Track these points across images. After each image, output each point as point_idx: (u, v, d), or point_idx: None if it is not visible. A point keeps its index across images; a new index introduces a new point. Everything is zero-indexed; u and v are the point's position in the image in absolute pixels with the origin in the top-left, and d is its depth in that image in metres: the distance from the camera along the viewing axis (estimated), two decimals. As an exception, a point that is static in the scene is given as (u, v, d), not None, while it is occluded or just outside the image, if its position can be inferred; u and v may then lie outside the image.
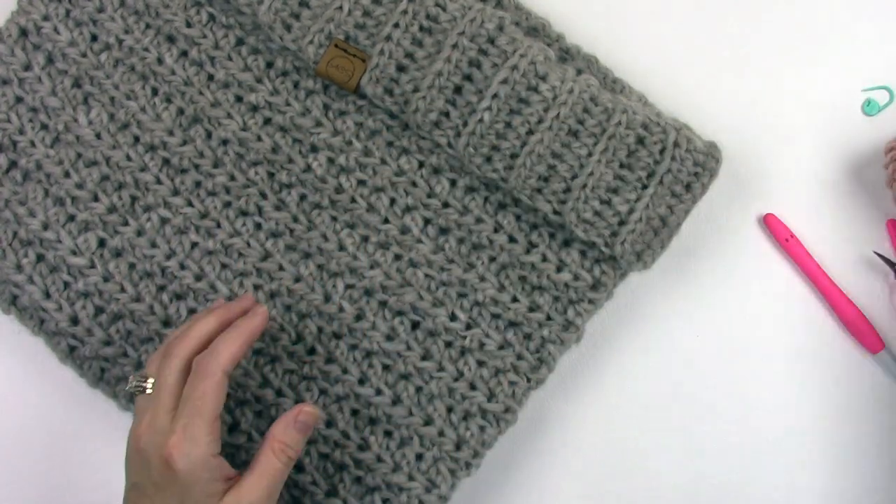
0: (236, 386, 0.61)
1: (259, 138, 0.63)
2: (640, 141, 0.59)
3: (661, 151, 0.59)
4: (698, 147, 0.60)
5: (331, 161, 0.62)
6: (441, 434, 0.60)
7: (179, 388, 0.53)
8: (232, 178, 0.63)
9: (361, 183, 0.62)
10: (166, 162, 0.63)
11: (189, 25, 0.64)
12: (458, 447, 0.61)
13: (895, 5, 0.68)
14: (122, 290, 0.62)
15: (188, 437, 0.51)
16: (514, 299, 0.61)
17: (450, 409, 0.61)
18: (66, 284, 0.62)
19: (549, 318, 0.61)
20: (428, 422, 0.61)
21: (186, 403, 0.52)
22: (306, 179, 0.62)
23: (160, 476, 0.51)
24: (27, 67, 0.64)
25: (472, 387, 0.61)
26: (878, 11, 0.68)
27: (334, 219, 0.62)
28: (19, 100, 0.64)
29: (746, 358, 0.65)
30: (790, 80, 0.67)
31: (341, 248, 0.62)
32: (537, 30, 0.64)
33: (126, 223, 0.63)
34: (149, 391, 0.54)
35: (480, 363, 0.61)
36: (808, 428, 0.64)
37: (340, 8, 0.60)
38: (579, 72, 0.62)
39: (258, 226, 0.63)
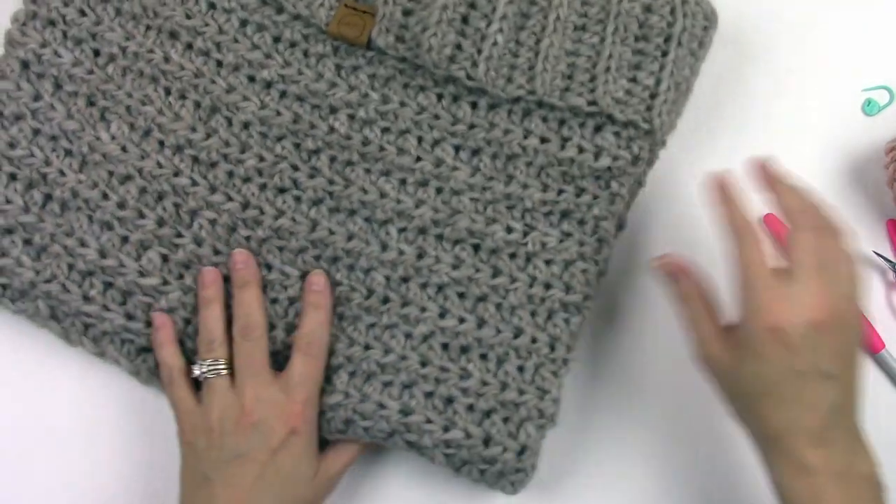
0: (328, 353, 0.62)
1: (278, 113, 0.63)
2: (648, 9, 0.61)
3: (672, 12, 0.61)
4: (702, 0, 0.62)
5: (352, 117, 0.63)
6: (534, 340, 0.61)
7: (267, 360, 0.60)
8: (261, 158, 0.63)
9: (386, 130, 0.63)
10: (195, 160, 0.63)
11: (189, 17, 0.64)
12: (552, 347, 0.61)
13: (895, 5, 0.69)
14: None
15: (310, 406, 0.59)
16: (560, 192, 0.62)
17: (533, 314, 0.61)
18: (149, 305, 0.62)
19: (595, 196, 0.62)
20: (518, 333, 0.61)
21: (303, 380, 0.59)
22: (332, 141, 0.63)
23: (281, 443, 0.57)
24: (37, 98, 0.63)
25: (548, 286, 0.62)
26: (878, 12, 0.69)
27: (368, 171, 0.63)
28: (37, 132, 0.63)
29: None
30: (790, 79, 0.68)
31: (383, 195, 0.62)
32: None
33: (180, 234, 0.63)
34: (224, 372, 0.59)
35: (548, 262, 0.62)
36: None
37: None
38: None
39: (298, 199, 0.63)
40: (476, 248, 0.62)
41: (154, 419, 0.64)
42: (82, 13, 0.64)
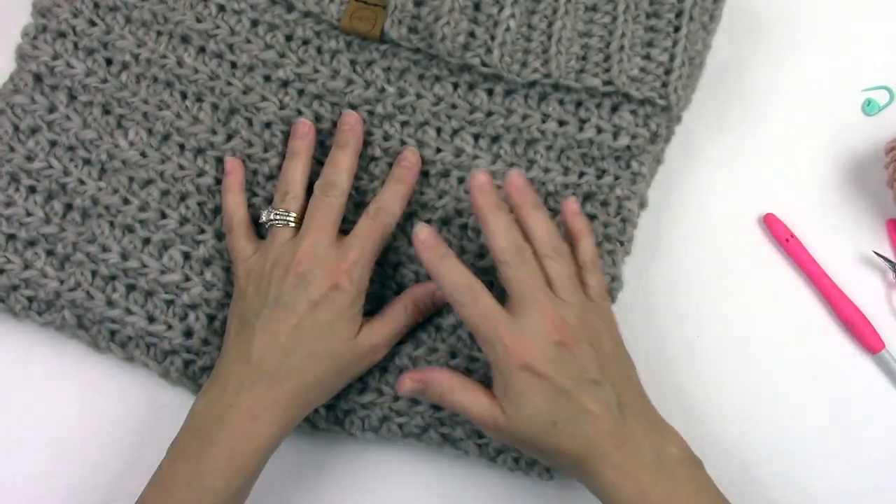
0: None
1: (299, 112, 0.63)
2: None
3: None
4: None
5: (371, 113, 0.63)
6: None
7: (338, 223, 0.59)
8: (284, 157, 0.63)
9: (405, 124, 0.63)
10: (219, 160, 0.63)
11: (200, 21, 0.64)
12: None
13: (895, 5, 0.69)
14: (227, 294, 0.62)
15: (360, 267, 0.58)
16: (582, 174, 0.62)
17: None
18: (169, 303, 0.62)
19: (616, 177, 0.62)
20: None
21: (359, 241, 0.58)
22: None
23: (321, 297, 0.57)
24: (52, 109, 0.63)
25: None
26: (878, 11, 0.69)
27: (390, 165, 0.63)
28: (53, 143, 0.63)
29: (746, 358, 0.64)
30: (790, 79, 0.68)
31: None
32: None
33: (202, 231, 0.63)
34: (292, 225, 0.59)
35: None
36: (807, 428, 0.63)
37: None
38: None
39: None
40: None
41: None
42: (92, 23, 0.64)
